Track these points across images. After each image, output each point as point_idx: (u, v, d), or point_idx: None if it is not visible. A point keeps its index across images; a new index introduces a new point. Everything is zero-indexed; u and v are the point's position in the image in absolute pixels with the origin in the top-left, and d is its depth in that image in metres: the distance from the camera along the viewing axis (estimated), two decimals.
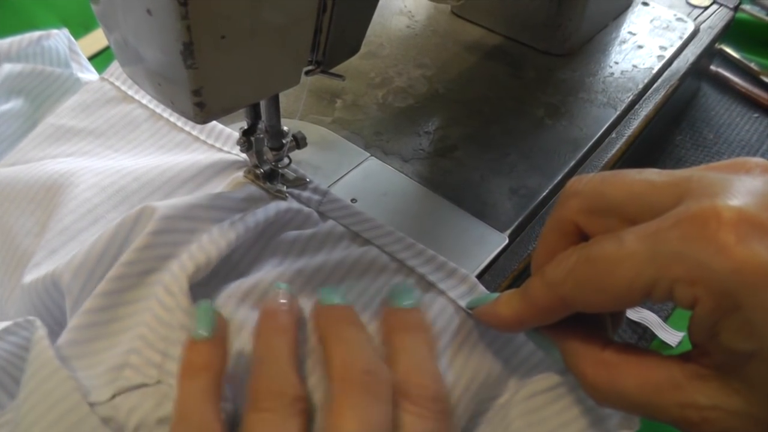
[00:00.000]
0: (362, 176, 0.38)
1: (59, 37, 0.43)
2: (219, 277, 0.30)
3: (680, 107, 0.55)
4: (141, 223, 0.29)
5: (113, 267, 0.28)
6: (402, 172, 0.39)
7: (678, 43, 0.50)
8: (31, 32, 0.42)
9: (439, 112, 0.43)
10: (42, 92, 0.42)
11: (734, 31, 0.57)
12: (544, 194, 0.38)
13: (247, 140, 0.31)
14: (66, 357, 0.27)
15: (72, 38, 0.44)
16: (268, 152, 0.33)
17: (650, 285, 0.21)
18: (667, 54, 0.49)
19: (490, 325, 0.28)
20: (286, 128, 0.32)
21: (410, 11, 0.52)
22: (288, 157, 0.33)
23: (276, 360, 0.25)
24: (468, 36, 0.50)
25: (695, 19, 0.52)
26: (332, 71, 0.29)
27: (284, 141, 0.33)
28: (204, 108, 0.24)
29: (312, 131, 0.40)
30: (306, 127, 0.40)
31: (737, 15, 0.56)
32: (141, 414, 0.25)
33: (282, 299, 0.27)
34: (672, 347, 0.39)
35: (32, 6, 0.65)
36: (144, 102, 0.39)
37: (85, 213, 0.32)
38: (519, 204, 0.37)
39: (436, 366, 0.26)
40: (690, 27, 0.51)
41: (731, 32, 0.56)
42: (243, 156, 0.34)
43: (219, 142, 0.37)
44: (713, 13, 0.53)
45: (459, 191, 0.38)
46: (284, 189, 0.33)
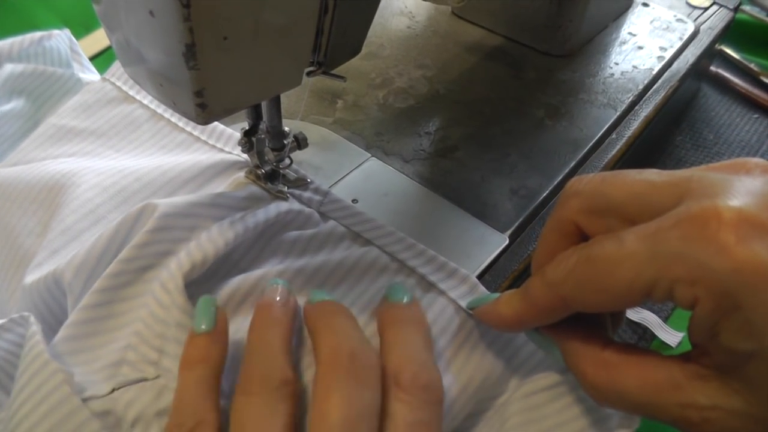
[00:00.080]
0: (363, 177, 0.38)
1: (60, 38, 0.43)
2: (219, 276, 0.30)
3: (680, 108, 0.55)
4: (142, 221, 0.29)
5: (111, 264, 0.28)
6: (403, 173, 0.39)
7: (678, 44, 0.50)
8: (33, 32, 0.42)
9: (440, 113, 0.43)
10: (43, 92, 0.42)
11: (734, 32, 0.57)
12: (545, 195, 0.38)
13: (249, 141, 0.31)
14: (64, 353, 0.27)
15: (73, 38, 0.44)
16: (270, 153, 0.33)
17: (650, 285, 0.21)
18: (667, 55, 0.49)
19: (491, 325, 0.28)
20: (288, 129, 0.33)
21: (411, 12, 0.52)
22: (289, 158, 0.33)
23: (266, 347, 0.25)
24: (468, 37, 0.50)
25: (695, 20, 0.52)
26: (333, 72, 0.29)
27: (285, 141, 0.33)
28: (206, 109, 0.24)
29: (313, 132, 0.40)
30: (307, 128, 0.40)
31: (737, 16, 0.56)
32: (139, 407, 0.25)
33: (278, 294, 0.27)
34: (672, 347, 0.39)
35: (33, 6, 0.65)
36: (145, 102, 0.39)
37: (87, 213, 0.33)
38: (519, 204, 0.37)
39: (428, 356, 0.26)
40: (690, 28, 0.51)
41: (731, 33, 0.56)
42: (244, 156, 0.34)
43: (220, 143, 0.37)
44: (713, 14, 0.53)
45: (459, 192, 0.38)
46: (285, 189, 0.33)
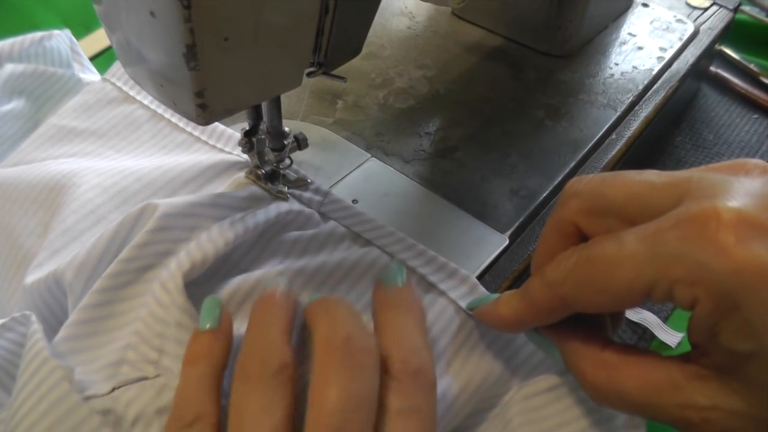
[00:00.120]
0: (363, 177, 0.38)
1: (61, 38, 0.43)
2: (219, 276, 0.30)
3: (680, 108, 0.55)
4: (142, 221, 0.29)
5: (112, 264, 0.28)
6: (403, 173, 0.39)
7: (678, 45, 0.50)
8: (33, 33, 0.42)
9: (440, 113, 0.43)
10: (44, 93, 0.42)
11: (734, 33, 0.58)
12: (545, 195, 0.38)
13: (249, 141, 0.31)
14: (64, 352, 0.27)
15: (73, 39, 0.44)
16: (270, 153, 0.33)
17: (650, 285, 0.21)
18: (667, 55, 0.49)
19: (490, 326, 0.28)
20: (288, 129, 0.33)
21: (411, 12, 0.52)
22: (289, 158, 0.33)
23: (265, 331, 0.25)
24: (469, 37, 0.50)
25: (695, 21, 0.52)
26: (334, 73, 0.29)
27: (286, 142, 0.33)
28: (206, 109, 0.24)
29: (313, 132, 0.40)
30: (307, 128, 0.40)
31: (737, 16, 0.56)
32: (140, 405, 0.25)
33: (278, 290, 0.27)
34: (671, 348, 0.39)
35: (33, 6, 0.65)
36: (146, 103, 0.39)
37: (88, 213, 0.33)
38: (519, 205, 0.38)
39: (419, 340, 0.26)
40: (690, 28, 0.51)
41: (731, 33, 0.56)
42: (244, 157, 0.34)
43: (220, 143, 0.37)
44: (713, 15, 0.54)
45: (459, 192, 0.38)
46: (285, 190, 0.33)
